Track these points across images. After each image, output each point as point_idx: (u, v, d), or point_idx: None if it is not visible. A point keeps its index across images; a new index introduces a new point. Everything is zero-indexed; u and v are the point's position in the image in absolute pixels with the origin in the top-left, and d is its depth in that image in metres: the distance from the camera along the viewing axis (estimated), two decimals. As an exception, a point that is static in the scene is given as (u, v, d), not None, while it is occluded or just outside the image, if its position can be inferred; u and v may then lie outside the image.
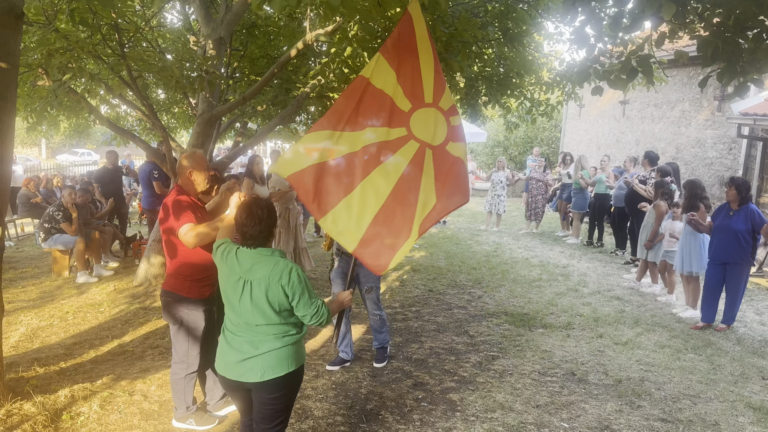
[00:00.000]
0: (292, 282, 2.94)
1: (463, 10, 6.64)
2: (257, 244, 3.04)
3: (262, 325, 2.99)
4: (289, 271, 2.95)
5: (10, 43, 3.84)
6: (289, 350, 3.04)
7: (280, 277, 2.93)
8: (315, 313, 3.01)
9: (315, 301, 3.03)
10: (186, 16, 9.11)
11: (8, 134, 3.93)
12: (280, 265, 2.96)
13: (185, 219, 3.76)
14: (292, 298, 2.96)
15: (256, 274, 2.97)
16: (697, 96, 13.83)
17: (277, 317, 2.98)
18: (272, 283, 2.93)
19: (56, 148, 44.19)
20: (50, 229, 8.40)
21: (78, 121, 10.80)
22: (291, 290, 2.94)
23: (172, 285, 3.96)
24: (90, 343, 5.82)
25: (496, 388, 4.96)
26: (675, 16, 3.71)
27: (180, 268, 3.92)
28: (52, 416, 4.17)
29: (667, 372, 5.44)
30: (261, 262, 2.99)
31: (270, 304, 2.95)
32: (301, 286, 2.97)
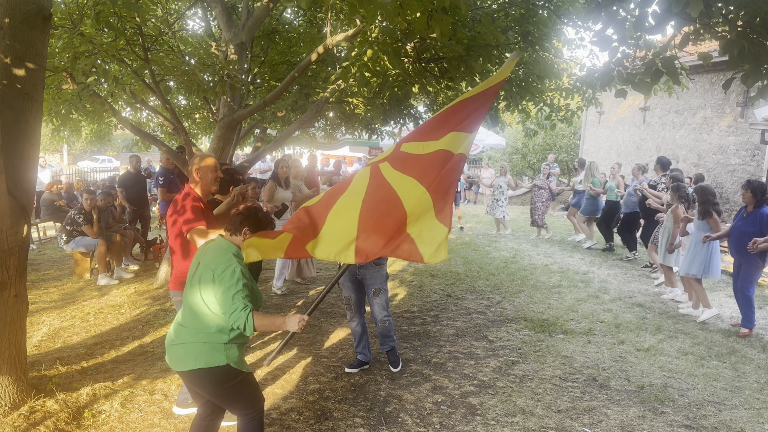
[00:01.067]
0: (224, 275, 2.93)
1: (483, 14, 6.64)
2: (228, 231, 3.19)
3: (189, 311, 3.04)
4: (227, 265, 2.96)
5: (38, 45, 3.91)
6: (200, 348, 2.99)
7: (216, 266, 2.97)
8: (233, 312, 2.91)
9: (239, 302, 2.92)
10: (208, 22, 9.22)
11: (35, 134, 3.99)
12: (223, 258, 3.01)
13: (196, 221, 3.81)
14: (215, 292, 2.94)
15: (204, 257, 3.08)
16: (719, 102, 13.67)
17: (204, 307, 2.98)
18: (207, 269, 2.98)
19: (77, 155, 44.81)
20: (72, 232, 8.50)
21: (99, 126, 10.96)
22: (219, 282, 2.93)
23: (176, 284, 4.04)
24: (111, 344, 5.86)
25: (517, 393, 4.91)
26: (700, 16, 3.67)
27: (182, 266, 4.00)
28: (74, 413, 4.20)
29: (690, 379, 5.35)
30: (214, 250, 3.08)
31: (199, 289, 2.98)
32: (231, 282, 2.92)
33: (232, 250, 3.08)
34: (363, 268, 5.12)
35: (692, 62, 10.67)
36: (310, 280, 8.70)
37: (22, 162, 3.97)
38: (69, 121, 8.63)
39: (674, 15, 3.60)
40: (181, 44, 9.08)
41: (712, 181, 13.49)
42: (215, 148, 7.66)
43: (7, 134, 3.78)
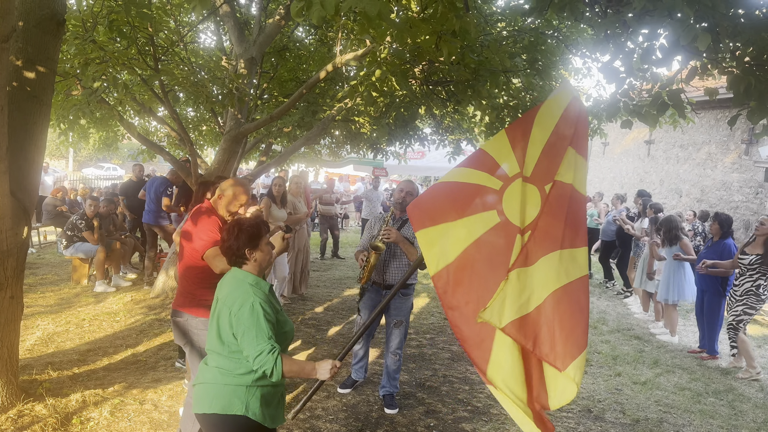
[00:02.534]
0: (242, 313, 2.61)
1: (492, 40, 6.70)
2: (229, 262, 2.86)
3: (211, 351, 2.77)
4: (244, 301, 2.64)
5: (50, 49, 3.94)
6: (218, 390, 2.67)
7: (233, 303, 2.65)
8: (258, 355, 2.56)
9: (263, 343, 2.58)
10: (220, 36, 9.31)
11: (41, 137, 4.01)
12: (239, 291, 2.70)
13: (215, 241, 3.57)
14: (236, 332, 2.62)
15: (221, 292, 2.80)
16: (724, 138, 13.72)
17: (222, 346, 2.69)
18: (225, 307, 2.69)
19: (83, 161, 45.06)
20: (72, 237, 8.50)
21: (107, 134, 11.02)
22: (237, 321, 2.61)
23: (182, 303, 3.79)
24: (104, 351, 5.82)
25: (510, 421, 4.85)
26: (708, 50, 3.70)
27: (191, 286, 3.76)
28: (63, 419, 4.16)
29: (686, 415, 5.29)
30: (232, 283, 2.78)
31: (218, 329, 2.70)
32: (251, 321, 2.60)
33: (248, 280, 2.77)
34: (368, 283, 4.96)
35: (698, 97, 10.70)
36: (307, 296, 8.67)
37: (26, 164, 3.98)
38: (77, 127, 8.69)
39: (682, 48, 3.62)
40: (192, 57, 9.16)
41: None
42: (220, 160, 7.69)
43: (13, 136, 3.79)
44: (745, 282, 6.47)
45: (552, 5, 4.23)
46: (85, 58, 5.67)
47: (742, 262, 6.51)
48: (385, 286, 4.85)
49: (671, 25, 3.32)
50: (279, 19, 7.55)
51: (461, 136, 10.46)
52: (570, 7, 3.98)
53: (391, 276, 4.83)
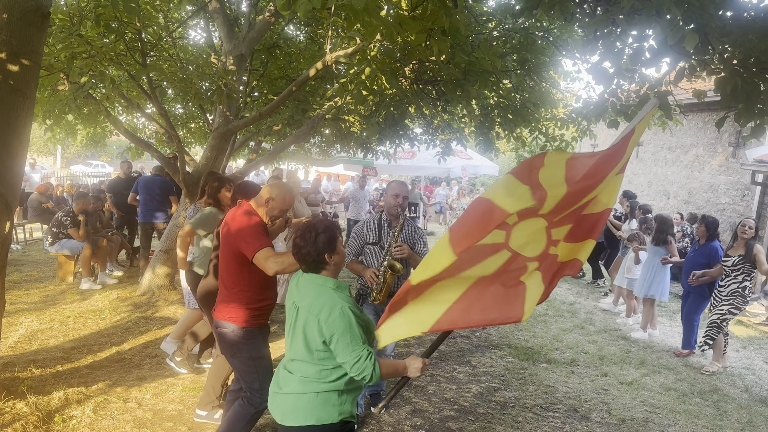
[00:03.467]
0: (332, 319, 2.53)
1: (482, 40, 6.70)
2: (307, 269, 2.74)
3: (296, 360, 2.67)
4: (332, 307, 2.56)
5: (34, 41, 3.89)
6: (311, 400, 2.61)
7: (321, 311, 2.56)
8: (355, 362, 2.54)
9: (359, 349, 2.55)
10: (209, 32, 9.25)
11: (25, 130, 3.95)
12: (325, 297, 2.62)
13: (264, 242, 3.40)
14: (329, 340, 2.55)
15: (303, 300, 2.67)
16: (711, 141, 13.82)
17: (310, 355, 2.61)
18: (311, 314, 2.59)
19: (71, 158, 44.67)
20: (58, 234, 8.41)
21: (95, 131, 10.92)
22: (328, 329, 2.54)
23: (228, 313, 3.56)
24: (88, 349, 5.76)
25: (497, 420, 4.85)
26: (696, 51, 3.71)
27: (238, 295, 3.54)
28: (44, 417, 4.11)
29: (672, 415, 5.31)
30: (313, 290, 2.68)
31: (305, 338, 2.61)
32: (343, 326, 2.53)
33: (329, 285, 2.69)
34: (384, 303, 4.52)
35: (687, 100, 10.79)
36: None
37: (9, 158, 3.92)
38: (64, 123, 8.60)
39: (670, 49, 3.63)
40: (181, 53, 9.09)
41: (701, 219, 13.58)
42: (208, 157, 7.64)
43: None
44: (731, 283, 6.54)
45: (542, 4, 4.23)
46: (72, 53, 5.61)
47: (725, 264, 6.60)
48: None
49: (659, 25, 3.33)
50: (269, 16, 7.51)
51: (451, 136, 10.45)
52: (560, 7, 3.97)
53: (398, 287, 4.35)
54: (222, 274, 3.65)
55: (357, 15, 2.98)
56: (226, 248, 3.57)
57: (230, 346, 3.57)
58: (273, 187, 3.69)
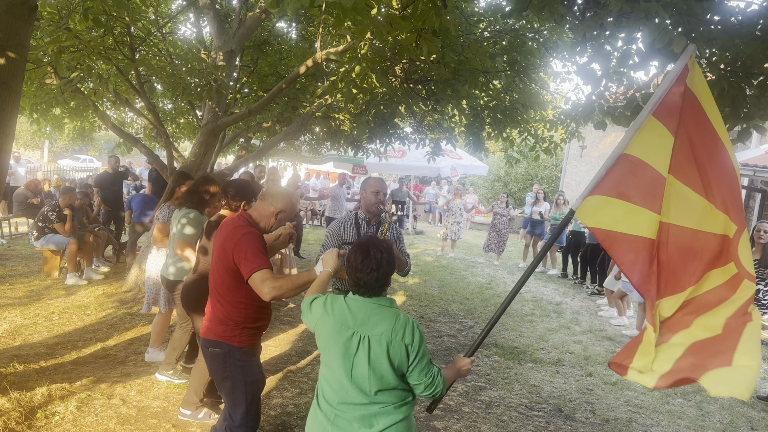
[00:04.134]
0: (416, 340, 2.44)
1: (472, 40, 6.72)
2: (373, 293, 2.53)
3: (379, 392, 2.46)
4: (413, 327, 2.46)
5: (21, 34, 3.85)
6: (409, 421, 2.52)
7: (404, 334, 2.43)
8: (430, 383, 2.49)
9: (432, 368, 2.52)
10: (200, 28, 9.21)
11: (10, 123, 3.92)
12: (402, 319, 2.48)
13: (262, 262, 3.09)
14: (411, 361, 2.45)
15: (375, 328, 2.45)
16: (698, 145, 13.95)
17: (397, 381, 2.47)
18: (395, 340, 2.42)
19: (59, 152, 44.31)
20: (44, 228, 8.35)
21: (82, 125, 10.84)
22: (414, 350, 2.44)
23: (220, 333, 3.25)
24: (73, 344, 5.72)
25: (482, 419, 4.87)
26: (682, 54, 3.74)
27: (232, 313, 3.25)
28: (27, 413, 4.08)
29: (655, 415, 5.35)
30: (380, 314, 2.48)
31: (391, 366, 2.44)
32: (423, 347, 2.47)
33: (395, 306, 2.57)
34: None
35: (674, 103, 10.89)
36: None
37: (-6, 151, 3.88)
38: (51, 116, 8.54)
39: (658, 53, 3.66)
40: (170, 48, 9.04)
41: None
42: (197, 153, 7.61)
43: (-20, 122, 3.70)
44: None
45: (532, 6, 4.25)
46: (59, 46, 5.57)
47: None
48: None
49: (647, 29, 3.35)
50: (259, 12, 7.49)
51: (441, 136, 10.47)
52: (549, 8, 3.99)
53: None
54: (215, 289, 3.32)
55: (346, 13, 2.98)
56: (221, 262, 3.23)
57: (222, 369, 3.28)
58: (281, 197, 3.35)
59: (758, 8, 3.55)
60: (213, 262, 3.33)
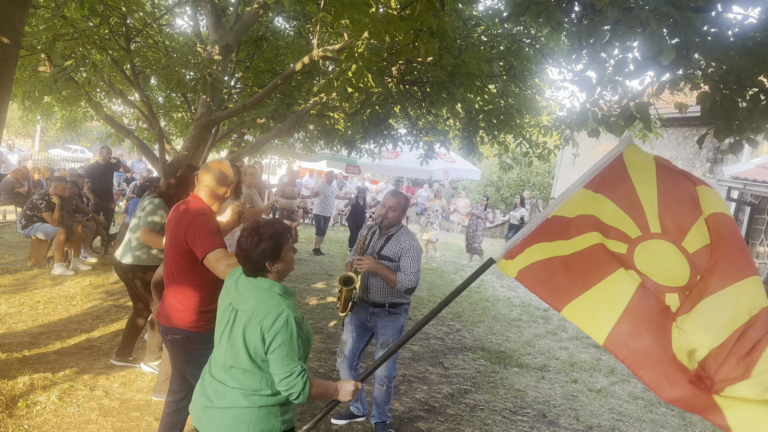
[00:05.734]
0: (275, 328, 2.36)
1: (469, 44, 6.72)
2: (249, 272, 2.53)
3: (234, 368, 2.47)
4: (277, 315, 2.38)
5: (15, 20, 3.81)
6: (254, 414, 2.43)
7: (264, 317, 2.38)
8: (287, 376, 2.37)
9: (293, 364, 2.38)
10: (196, 21, 9.17)
11: (2, 109, 3.88)
12: (270, 304, 2.42)
13: (216, 242, 3.09)
14: (267, 348, 2.38)
15: (244, 303, 2.48)
16: (690, 156, 14.02)
17: (251, 364, 2.43)
18: (252, 320, 2.40)
19: (50, 142, 43.98)
20: (32, 217, 8.28)
21: (73, 114, 10.76)
22: (269, 337, 2.36)
23: (180, 319, 3.22)
24: (57, 335, 5.67)
25: (466, 422, 4.87)
26: (677, 66, 3.76)
27: (189, 298, 3.23)
28: (8, 402, 4.04)
29: (638, 423, 5.38)
30: (254, 293, 2.49)
31: (245, 345, 2.42)
32: (283, 337, 2.36)
33: (276, 290, 2.49)
34: (375, 315, 4.34)
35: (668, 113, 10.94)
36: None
37: (-16, 137, 3.84)
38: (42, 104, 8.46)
39: (653, 62, 3.68)
40: (166, 40, 8.99)
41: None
42: (189, 146, 7.56)
43: (-29, 107, 3.66)
44: None
45: (529, 11, 4.26)
46: (54, 34, 5.52)
47: None
48: (372, 303, 4.32)
49: (641, 38, 3.37)
50: (257, 7, 7.45)
51: (435, 138, 10.47)
52: (546, 14, 4.00)
53: (375, 294, 4.30)
54: (170, 274, 3.28)
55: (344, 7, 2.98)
56: (174, 246, 3.21)
57: (185, 354, 3.27)
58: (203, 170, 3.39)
59: (755, 22, 3.57)
60: (166, 247, 3.32)
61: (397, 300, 4.31)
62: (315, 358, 5.90)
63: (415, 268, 4.19)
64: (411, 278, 4.14)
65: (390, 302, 4.28)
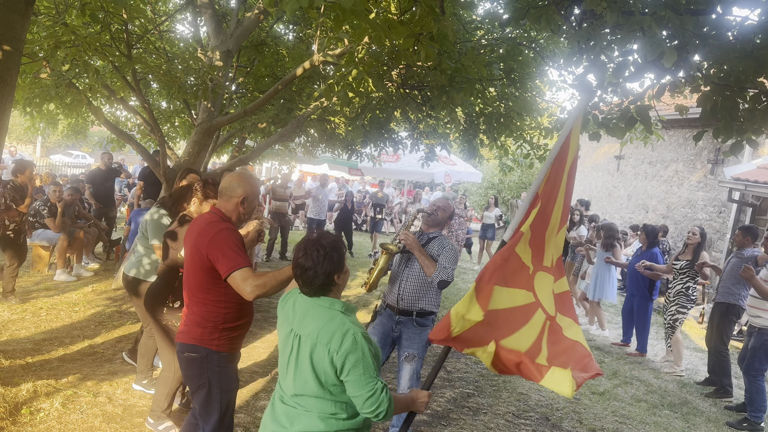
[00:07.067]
0: (344, 349, 2.22)
1: (469, 48, 6.74)
2: (314, 292, 2.38)
3: (305, 396, 2.33)
4: (344, 334, 2.24)
5: (17, 28, 3.83)
6: None
7: (330, 339, 2.24)
8: (370, 396, 2.22)
9: (373, 381, 2.24)
10: (197, 27, 9.20)
11: (4, 117, 3.89)
12: (334, 323, 2.28)
13: (241, 260, 2.89)
14: (340, 371, 2.24)
15: (306, 328, 2.33)
16: (691, 157, 14.02)
17: (321, 390, 2.30)
18: (319, 344, 2.26)
19: (51, 148, 44.04)
20: (34, 224, 8.29)
21: (77, 121, 10.78)
22: (340, 359, 2.22)
23: (198, 336, 3.03)
24: (60, 341, 5.68)
25: (469, 426, 4.87)
26: (678, 68, 3.76)
27: (210, 314, 3.03)
28: (12, 409, 4.04)
29: (641, 426, 5.37)
30: (315, 313, 2.34)
31: (314, 372, 2.28)
32: (356, 357, 2.22)
33: (337, 308, 2.36)
34: (401, 324, 4.21)
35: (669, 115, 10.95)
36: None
37: (-14, 145, 3.85)
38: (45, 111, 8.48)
39: (653, 65, 3.69)
40: (167, 46, 9.02)
41: (678, 234, 13.78)
42: (190, 152, 7.58)
43: (-27, 115, 3.67)
44: (677, 284, 7.14)
45: (529, 15, 4.27)
46: (56, 41, 5.54)
47: (675, 267, 7.21)
48: (399, 311, 4.18)
49: (641, 41, 3.38)
50: (257, 13, 7.48)
51: (435, 141, 10.49)
52: (546, 18, 4.02)
53: (407, 300, 4.16)
54: (191, 289, 3.09)
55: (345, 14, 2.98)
56: (195, 260, 3.00)
57: (199, 375, 3.06)
58: (237, 184, 3.13)
59: (755, 24, 3.58)
60: (186, 261, 3.13)
61: (426, 307, 4.18)
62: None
63: (453, 266, 4.09)
64: (448, 272, 4.02)
65: (419, 310, 4.14)
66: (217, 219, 3.04)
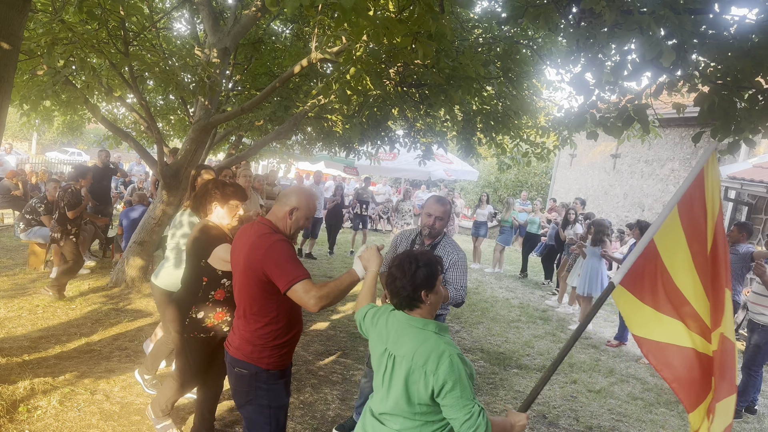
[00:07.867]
0: (441, 371, 2.19)
1: (467, 46, 6.74)
2: (399, 305, 2.41)
3: (393, 415, 2.35)
4: (440, 356, 2.22)
5: (14, 24, 3.82)
6: None
7: (426, 361, 2.23)
8: (467, 419, 2.17)
9: (470, 404, 2.19)
10: (194, 25, 9.18)
11: (1, 115, 3.88)
12: (429, 345, 2.26)
13: (300, 272, 2.81)
14: (437, 393, 2.21)
15: (400, 348, 2.33)
16: (687, 156, 14.06)
17: (411, 410, 2.30)
18: (415, 366, 2.25)
19: (47, 145, 43.89)
20: (31, 221, 8.27)
21: (72, 118, 10.75)
22: (437, 381, 2.20)
23: (248, 353, 2.99)
24: (57, 339, 5.67)
25: None
26: (676, 67, 3.77)
27: (260, 331, 2.97)
28: (9, 407, 4.03)
29: (638, 424, 5.39)
30: (410, 334, 2.34)
31: (407, 393, 2.28)
32: (453, 379, 2.19)
33: (431, 328, 2.34)
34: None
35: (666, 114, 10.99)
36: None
37: (-17, 142, 3.84)
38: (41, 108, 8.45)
39: (650, 64, 3.69)
40: (164, 43, 9.00)
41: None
42: (187, 150, 7.57)
43: (-29, 112, 3.66)
44: None
45: (527, 14, 4.27)
46: (53, 38, 5.52)
47: None
48: None
49: (639, 40, 3.39)
50: (255, 11, 7.47)
51: (433, 140, 10.50)
52: (544, 17, 4.02)
53: None
54: (243, 305, 3.03)
55: (346, 14, 2.98)
56: (248, 275, 2.92)
57: (246, 392, 3.03)
58: (293, 194, 3.07)
59: (753, 23, 3.59)
60: (236, 277, 3.04)
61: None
62: (315, 360, 5.91)
63: (464, 282, 3.94)
64: (461, 292, 3.91)
65: None
66: (268, 230, 2.96)
